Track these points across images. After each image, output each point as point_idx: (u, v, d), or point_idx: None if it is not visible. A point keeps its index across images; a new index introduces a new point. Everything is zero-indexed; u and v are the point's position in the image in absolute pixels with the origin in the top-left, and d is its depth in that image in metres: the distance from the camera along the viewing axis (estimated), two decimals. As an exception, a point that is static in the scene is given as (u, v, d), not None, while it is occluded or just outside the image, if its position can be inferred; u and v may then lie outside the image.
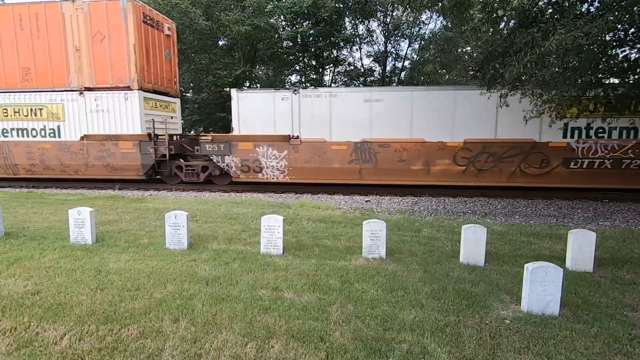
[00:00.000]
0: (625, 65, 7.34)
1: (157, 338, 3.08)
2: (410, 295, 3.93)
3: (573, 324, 3.37)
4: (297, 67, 24.73)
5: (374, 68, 25.62)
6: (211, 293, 3.89)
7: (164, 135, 11.51)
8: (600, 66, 7.24)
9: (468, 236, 4.97)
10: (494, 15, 7.88)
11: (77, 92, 11.63)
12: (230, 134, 11.93)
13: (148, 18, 11.88)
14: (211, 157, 11.56)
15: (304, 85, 23.20)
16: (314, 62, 24.18)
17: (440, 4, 8.02)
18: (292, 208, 8.65)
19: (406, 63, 24.94)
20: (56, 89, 11.76)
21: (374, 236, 5.11)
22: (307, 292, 3.99)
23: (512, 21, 8.61)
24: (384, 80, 23.98)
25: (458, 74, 21.24)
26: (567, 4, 7.11)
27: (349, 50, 24.81)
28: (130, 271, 4.46)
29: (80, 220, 5.56)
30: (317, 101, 11.07)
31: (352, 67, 25.25)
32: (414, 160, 10.81)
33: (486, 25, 7.97)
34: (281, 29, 21.27)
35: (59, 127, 11.87)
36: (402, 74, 24.85)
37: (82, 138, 11.77)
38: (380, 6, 21.52)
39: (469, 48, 20.29)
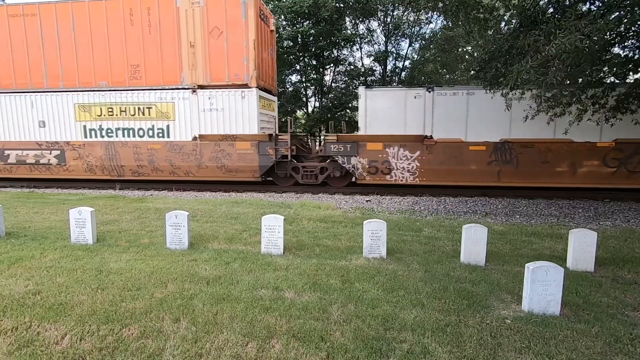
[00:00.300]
0: (624, 62, 7.32)
1: (157, 338, 3.09)
2: (411, 295, 3.93)
3: (574, 324, 3.37)
4: (298, 67, 24.72)
5: (374, 68, 25.60)
6: (212, 293, 3.89)
7: (284, 135, 11.03)
8: (599, 64, 7.22)
9: (469, 236, 4.97)
10: (495, 14, 7.86)
11: (190, 90, 11.09)
12: (355, 133, 11.21)
13: (262, 12, 11.37)
14: (336, 158, 10.97)
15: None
16: (314, 62, 24.16)
17: (441, 5, 7.99)
18: (293, 208, 8.65)
19: (407, 63, 24.94)
20: (167, 87, 11.22)
21: (374, 236, 5.11)
22: (307, 291, 4.00)
23: (513, 20, 8.59)
24: (385, 80, 23.97)
25: (461, 74, 21.20)
26: (568, 3, 7.08)
27: (349, 49, 24.81)
28: (131, 271, 4.47)
29: (81, 220, 5.57)
30: (453, 99, 10.53)
31: (352, 67, 25.26)
32: (559, 162, 10.16)
33: (487, 24, 7.94)
34: (281, 29, 21.25)
35: (168, 126, 11.33)
36: (403, 73, 24.83)
37: (194, 138, 11.25)
38: (380, 5, 21.50)
39: (469, 48, 20.26)
